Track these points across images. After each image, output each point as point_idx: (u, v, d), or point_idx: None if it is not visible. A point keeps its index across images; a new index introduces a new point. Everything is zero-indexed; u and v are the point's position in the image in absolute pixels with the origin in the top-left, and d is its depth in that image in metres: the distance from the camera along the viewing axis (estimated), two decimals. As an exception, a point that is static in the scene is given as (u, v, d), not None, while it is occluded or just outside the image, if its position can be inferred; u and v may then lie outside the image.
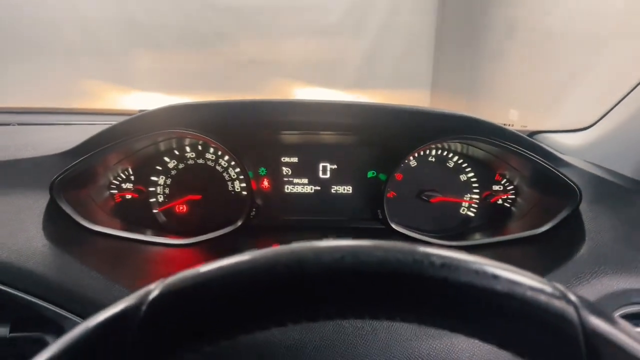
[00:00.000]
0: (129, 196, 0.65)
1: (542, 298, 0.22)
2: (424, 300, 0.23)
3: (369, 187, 0.67)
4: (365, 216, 0.68)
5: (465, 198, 0.67)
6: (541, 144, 0.64)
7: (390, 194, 0.67)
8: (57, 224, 0.53)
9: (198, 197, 0.66)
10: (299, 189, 0.68)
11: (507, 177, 0.67)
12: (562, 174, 0.58)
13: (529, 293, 0.22)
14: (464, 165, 0.67)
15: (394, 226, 0.63)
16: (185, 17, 2.41)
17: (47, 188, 0.55)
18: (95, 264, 0.48)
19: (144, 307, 0.22)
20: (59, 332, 0.45)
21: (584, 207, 0.57)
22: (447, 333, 0.44)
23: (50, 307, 0.44)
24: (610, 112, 0.73)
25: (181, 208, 0.67)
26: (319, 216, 0.68)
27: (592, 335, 0.21)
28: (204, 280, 0.23)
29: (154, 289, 0.23)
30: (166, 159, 0.65)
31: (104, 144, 0.57)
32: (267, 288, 0.22)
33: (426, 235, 0.65)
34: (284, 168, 0.67)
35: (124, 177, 0.65)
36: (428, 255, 0.23)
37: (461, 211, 0.68)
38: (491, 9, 2.27)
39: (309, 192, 0.68)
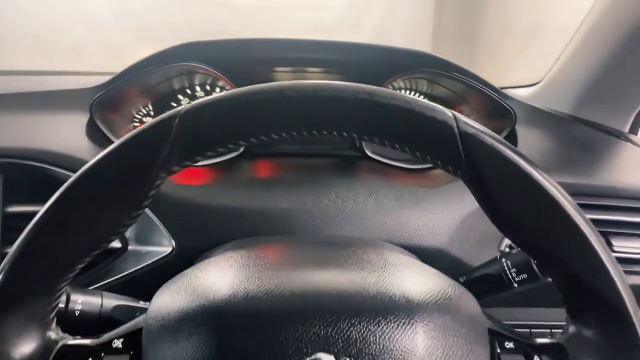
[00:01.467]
0: (149, 127, 0.78)
1: (433, 112, 0.33)
2: (359, 118, 0.34)
3: (349, 122, 0.81)
4: (345, 146, 0.81)
5: (429, 132, 0.80)
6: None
7: (367, 128, 0.80)
8: (96, 136, 0.66)
9: (206, 128, 0.79)
10: (290, 124, 0.81)
11: (465, 113, 0.80)
12: (504, 102, 0.71)
13: (425, 109, 0.34)
14: (428, 104, 0.79)
15: (368, 153, 0.77)
16: (187, 14, 2.52)
17: (85, 110, 0.68)
18: None
19: (178, 117, 0.35)
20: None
21: (520, 129, 0.71)
22: (398, 211, 0.57)
23: None
24: (554, 65, 0.86)
25: (192, 139, 0.80)
26: (307, 146, 0.81)
27: (464, 135, 0.34)
28: (220, 100, 0.35)
29: (185, 105, 0.35)
30: (179, 96, 0.79)
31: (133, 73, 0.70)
32: (263, 107, 0.34)
33: (395, 162, 0.78)
34: (277, 106, 0.80)
35: (145, 112, 0.78)
36: (361, 86, 0.35)
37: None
38: (487, 7, 2.39)
39: (298, 126, 0.81)
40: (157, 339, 0.34)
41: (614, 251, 0.59)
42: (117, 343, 0.36)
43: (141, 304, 0.50)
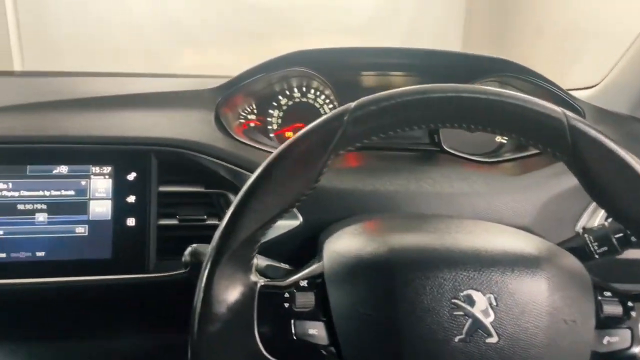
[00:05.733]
0: (252, 124, 0.90)
1: (546, 109, 0.43)
2: (491, 115, 0.44)
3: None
4: (424, 141, 0.91)
5: (499, 129, 0.90)
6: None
7: (444, 125, 0.90)
8: (221, 129, 0.78)
9: (302, 125, 0.91)
10: (374, 121, 0.92)
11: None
12: (573, 102, 0.81)
13: (540, 106, 0.43)
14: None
15: (445, 147, 0.87)
16: (220, 16, 2.61)
17: (208, 109, 0.80)
18: None
19: (348, 112, 0.45)
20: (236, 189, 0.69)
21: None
22: (487, 194, 0.67)
23: (231, 167, 0.69)
24: (613, 68, 0.95)
25: (289, 134, 0.91)
26: (392, 140, 0.92)
27: (572, 128, 0.43)
28: (379, 99, 0.45)
29: (353, 103, 0.45)
30: (280, 97, 0.90)
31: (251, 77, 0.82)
32: (420, 103, 0.44)
33: (469, 155, 0.88)
34: (363, 104, 0.91)
35: (249, 110, 0.90)
36: (491, 89, 0.45)
37: (496, 139, 0.91)
38: (519, 8, 2.45)
39: (382, 123, 0.92)
40: (338, 281, 0.45)
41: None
42: (303, 283, 0.46)
43: (282, 265, 0.61)
